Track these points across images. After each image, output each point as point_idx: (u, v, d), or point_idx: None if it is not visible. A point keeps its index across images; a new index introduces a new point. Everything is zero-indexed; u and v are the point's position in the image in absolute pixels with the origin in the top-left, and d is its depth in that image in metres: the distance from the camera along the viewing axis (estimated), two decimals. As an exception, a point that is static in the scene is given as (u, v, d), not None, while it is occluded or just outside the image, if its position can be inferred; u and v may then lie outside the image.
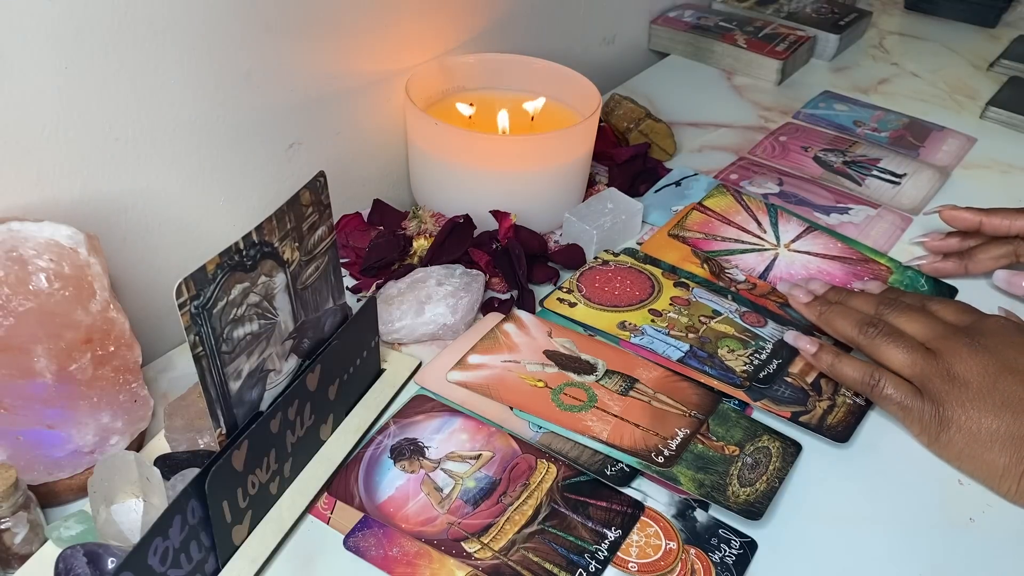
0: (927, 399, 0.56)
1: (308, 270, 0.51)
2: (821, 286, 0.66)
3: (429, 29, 0.76)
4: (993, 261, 0.71)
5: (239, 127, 0.63)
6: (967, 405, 0.55)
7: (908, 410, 0.57)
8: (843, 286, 0.68)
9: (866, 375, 0.59)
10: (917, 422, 0.57)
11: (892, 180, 0.85)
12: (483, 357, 0.62)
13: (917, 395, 0.57)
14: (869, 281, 0.69)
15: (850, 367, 0.59)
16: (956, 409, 0.55)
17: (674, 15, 1.11)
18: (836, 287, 0.66)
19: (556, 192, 0.74)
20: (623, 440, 0.56)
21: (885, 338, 0.59)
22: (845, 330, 0.61)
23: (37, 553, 0.48)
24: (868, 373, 0.59)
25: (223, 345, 0.45)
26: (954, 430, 0.55)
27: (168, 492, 0.49)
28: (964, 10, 1.20)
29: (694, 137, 0.92)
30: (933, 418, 0.56)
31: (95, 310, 0.52)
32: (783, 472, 0.55)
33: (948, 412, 0.55)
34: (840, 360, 0.60)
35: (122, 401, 0.53)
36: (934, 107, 0.99)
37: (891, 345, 0.58)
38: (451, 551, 0.50)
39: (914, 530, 0.53)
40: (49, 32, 0.50)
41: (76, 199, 0.55)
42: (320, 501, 0.53)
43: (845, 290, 0.66)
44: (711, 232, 0.76)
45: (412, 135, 0.74)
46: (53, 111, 0.52)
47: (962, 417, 0.55)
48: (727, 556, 0.51)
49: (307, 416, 0.52)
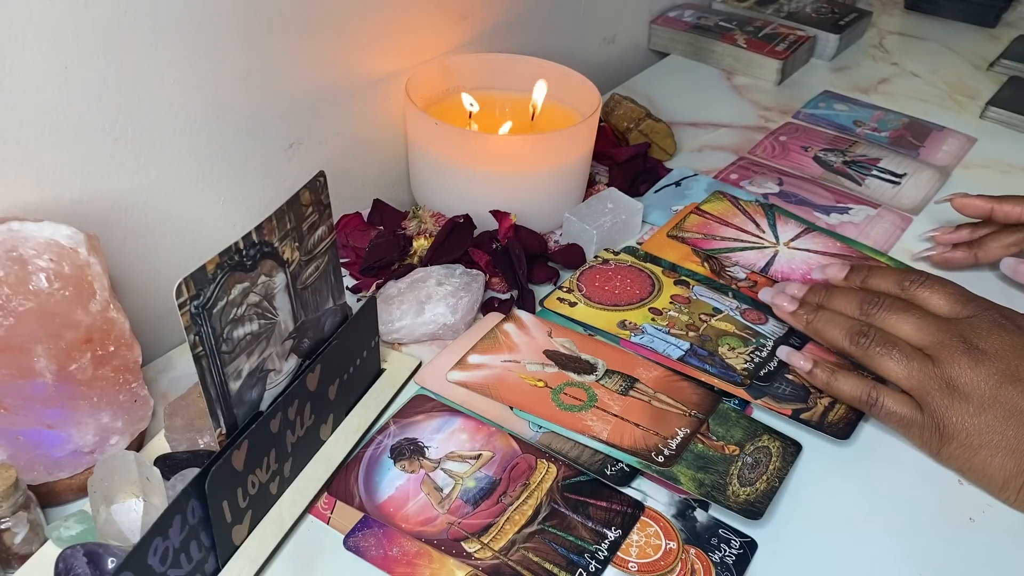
0: (927, 413, 0.55)
1: (308, 270, 0.51)
2: (798, 288, 0.64)
3: (429, 29, 0.76)
4: (1004, 249, 0.71)
5: (239, 127, 0.63)
6: (967, 418, 0.54)
7: (909, 426, 0.57)
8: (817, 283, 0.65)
9: (864, 393, 0.58)
10: (918, 436, 0.56)
11: (892, 180, 0.85)
12: (483, 357, 0.62)
13: (917, 409, 0.56)
14: (829, 266, 0.65)
15: (847, 384, 0.58)
16: (956, 422, 0.54)
17: (674, 15, 1.11)
18: (815, 286, 0.64)
19: (556, 192, 0.74)
20: (623, 440, 0.56)
21: (878, 348, 0.57)
22: (835, 340, 0.60)
23: (37, 553, 0.48)
24: (866, 392, 0.58)
25: (223, 345, 0.45)
26: (955, 445, 0.54)
27: (168, 492, 0.49)
28: (964, 10, 1.20)
29: (694, 137, 0.92)
30: (934, 434, 0.55)
31: (95, 310, 0.52)
32: (783, 472, 0.55)
33: (949, 426, 0.54)
34: (836, 377, 0.59)
35: (122, 401, 0.53)
36: (934, 107, 0.99)
37: (885, 356, 0.57)
38: (451, 551, 0.50)
39: (914, 530, 0.53)
40: (49, 32, 0.50)
41: (76, 199, 0.55)
42: (320, 501, 0.53)
43: (824, 289, 0.63)
44: (710, 232, 0.76)
45: (412, 135, 0.74)
46: (53, 111, 0.52)
47: (963, 431, 0.54)
48: (727, 556, 0.51)
49: (307, 416, 0.52)
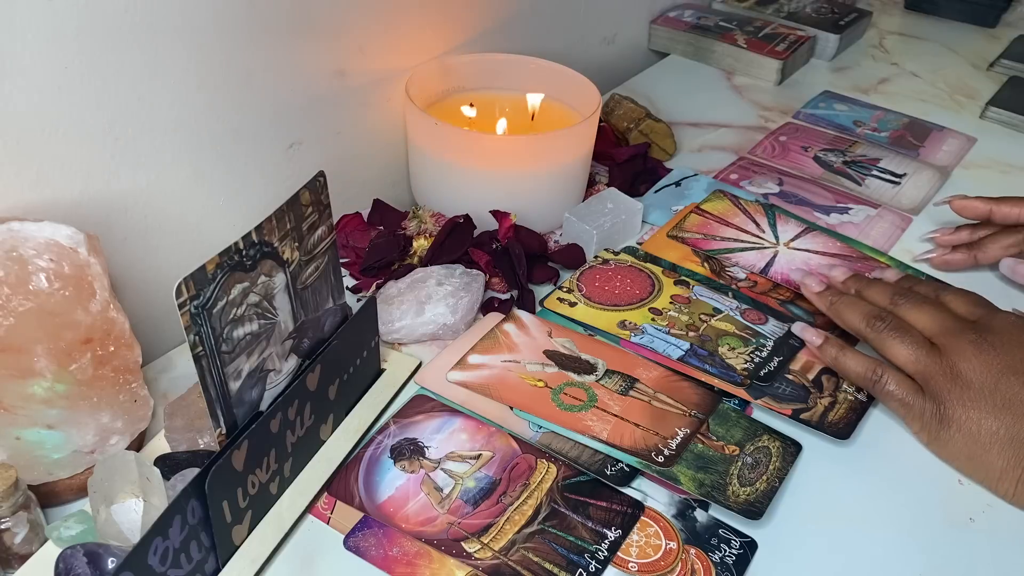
0: (928, 397, 0.56)
1: (308, 270, 0.51)
2: (843, 272, 0.66)
3: (429, 29, 0.76)
4: (1003, 250, 0.71)
5: (239, 127, 0.63)
6: (968, 405, 0.55)
7: (909, 407, 0.57)
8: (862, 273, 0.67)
9: (868, 370, 0.59)
10: (917, 419, 0.57)
11: (892, 180, 0.85)
12: (483, 357, 0.62)
13: (919, 392, 0.57)
14: (888, 270, 0.68)
15: (854, 361, 0.59)
16: (956, 408, 0.55)
17: (674, 15, 1.11)
18: (857, 274, 0.66)
19: (556, 192, 0.74)
20: (623, 440, 0.56)
21: (891, 332, 0.59)
22: (853, 322, 0.61)
23: (37, 553, 0.48)
24: (871, 368, 0.59)
25: (223, 345, 0.45)
26: (954, 429, 0.55)
27: (168, 492, 0.49)
28: (964, 10, 1.20)
29: (694, 137, 0.92)
30: (933, 416, 0.56)
31: (95, 310, 0.52)
32: (783, 472, 0.55)
33: (948, 411, 0.55)
34: (844, 353, 0.60)
35: (122, 401, 0.53)
36: (934, 107, 0.99)
37: (896, 340, 0.58)
38: (451, 551, 0.50)
39: (914, 530, 0.53)
40: (49, 32, 0.50)
41: (76, 199, 0.55)
42: (320, 501, 0.53)
43: (865, 278, 0.65)
44: (710, 233, 0.76)
45: (412, 135, 0.74)
46: (53, 111, 0.52)
47: (962, 417, 0.55)
48: (727, 556, 0.51)
49: (307, 416, 0.52)
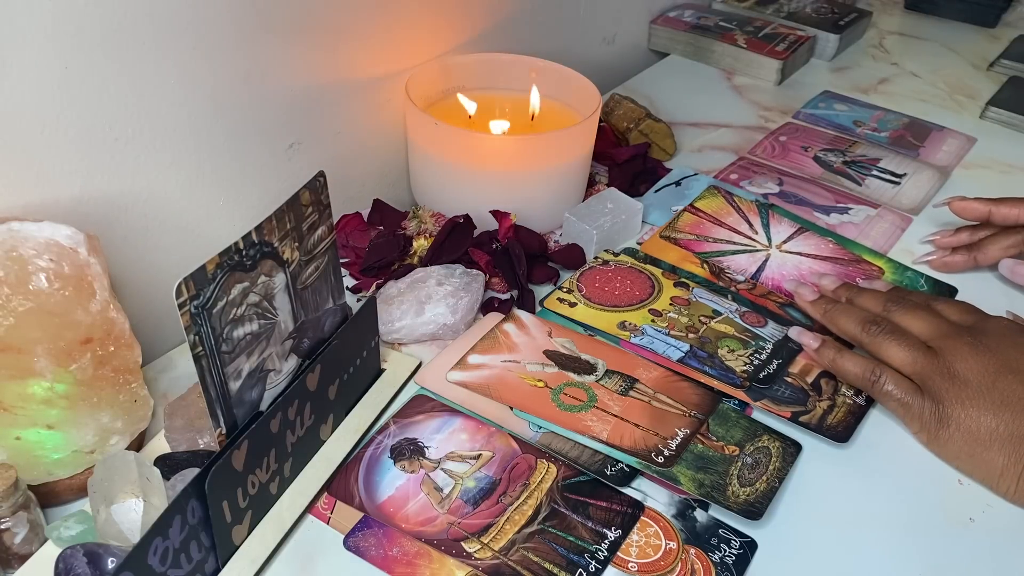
0: (927, 397, 0.57)
1: (308, 270, 0.51)
2: (833, 281, 0.67)
3: (429, 29, 0.76)
4: (1003, 251, 0.71)
5: (239, 127, 0.63)
6: (966, 403, 0.55)
7: (908, 407, 0.57)
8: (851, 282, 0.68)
9: (867, 371, 0.59)
10: (916, 419, 0.57)
11: (892, 180, 0.85)
12: (483, 357, 0.62)
13: (917, 392, 0.57)
14: (876, 280, 0.69)
15: (851, 363, 0.60)
16: (955, 407, 0.55)
17: (674, 15, 1.11)
18: (848, 283, 0.67)
19: (556, 192, 0.74)
20: (623, 440, 0.56)
21: (887, 336, 0.59)
22: (849, 328, 0.61)
23: (37, 553, 0.48)
24: (869, 369, 0.59)
25: (223, 345, 0.45)
26: (953, 428, 0.55)
27: (168, 492, 0.49)
28: (964, 10, 1.20)
29: (694, 137, 0.92)
30: (932, 416, 0.56)
31: (95, 310, 0.52)
32: (783, 472, 0.55)
33: (947, 410, 0.55)
34: (842, 355, 0.60)
35: (122, 401, 0.53)
36: (934, 107, 0.99)
37: (893, 343, 0.58)
38: (451, 551, 0.50)
39: (914, 530, 0.53)
40: (49, 32, 0.50)
41: (76, 199, 0.55)
42: (320, 501, 0.53)
43: (856, 287, 0.66)
44: (702, 234, 0.76)
45: (412, 135, 0.74)
46: (53, 111, 0.52)
47: (961, 415, 0.55)
48: (727, 556, 0.51)
49: (307, 416, 0.52)
